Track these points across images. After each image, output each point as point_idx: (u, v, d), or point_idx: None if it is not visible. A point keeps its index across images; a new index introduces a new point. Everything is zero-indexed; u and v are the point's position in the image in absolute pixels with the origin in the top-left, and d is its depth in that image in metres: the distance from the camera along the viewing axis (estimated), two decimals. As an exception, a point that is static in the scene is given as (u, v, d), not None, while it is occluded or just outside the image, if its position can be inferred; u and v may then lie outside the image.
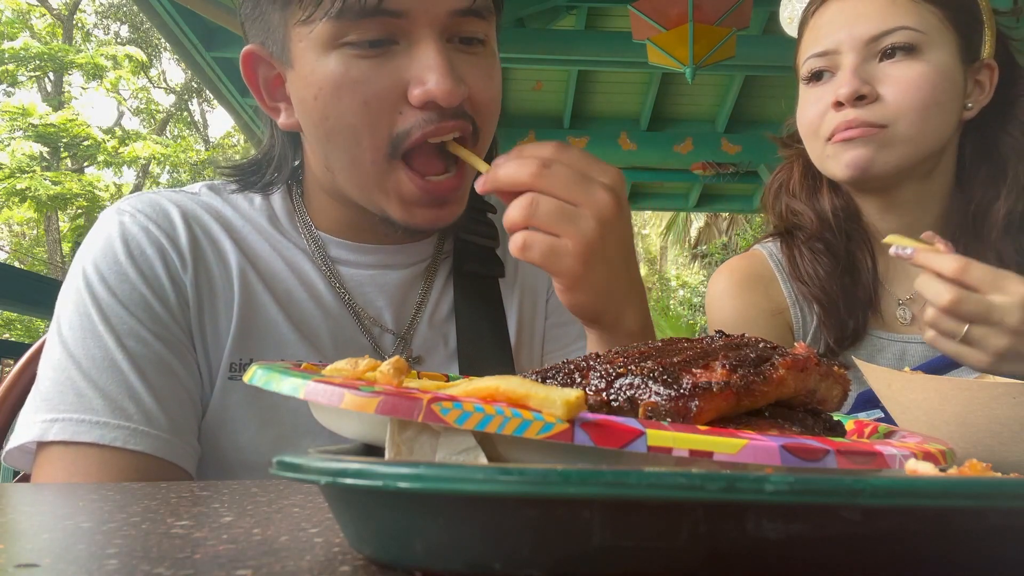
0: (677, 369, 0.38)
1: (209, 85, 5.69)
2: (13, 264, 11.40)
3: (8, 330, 11.56)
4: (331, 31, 0.70)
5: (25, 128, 12.83)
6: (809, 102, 1.06)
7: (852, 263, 1.09)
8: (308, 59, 0.73)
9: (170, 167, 15.58)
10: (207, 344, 0.78)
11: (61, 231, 14.39)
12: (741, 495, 0.24)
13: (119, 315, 0.73)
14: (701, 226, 15.51)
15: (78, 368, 0.71)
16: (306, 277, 0.83)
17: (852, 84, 0.98)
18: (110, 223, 0.79)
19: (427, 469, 0.25)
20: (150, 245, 0.77)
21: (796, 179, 1.16)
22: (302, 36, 0.73)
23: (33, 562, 0.30)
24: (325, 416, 0.41)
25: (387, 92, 0.71)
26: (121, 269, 0.75)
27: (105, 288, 0.74)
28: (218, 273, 0.79)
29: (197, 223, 0.80)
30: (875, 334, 1.07)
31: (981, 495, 0.24)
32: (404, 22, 0.70)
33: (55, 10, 15.19)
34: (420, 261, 0.89)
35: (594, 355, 0.43)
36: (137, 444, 0.70)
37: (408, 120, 0.72)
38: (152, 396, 0.72)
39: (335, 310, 0.83)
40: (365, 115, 0.72)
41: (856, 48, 1.00)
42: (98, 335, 0.72)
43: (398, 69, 0.71)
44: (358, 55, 0.71)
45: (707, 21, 4.08)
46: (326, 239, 0.86)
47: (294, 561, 0.31)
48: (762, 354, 0.40)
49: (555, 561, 0.26)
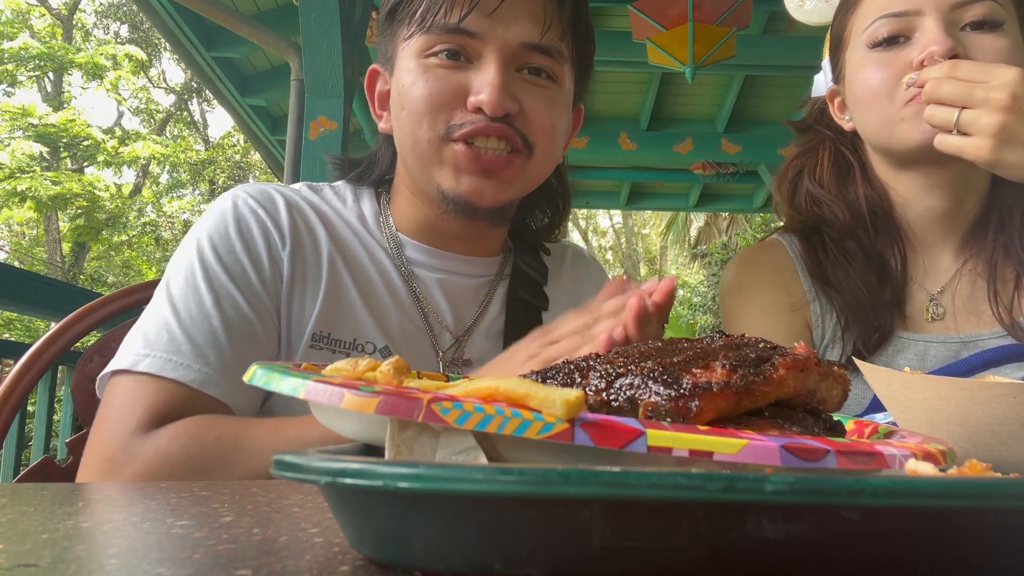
0: (677, 369, 0.38)
1: (209, 85, 5.69)
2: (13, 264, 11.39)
3: (8, 330, 11.55)
4: (422, 43, 0.87)
5: (25, 128, 12.82)
6: (875, 65, 0.98)
7: (881, 261, 1.04)
8: (404, 65, 0.89)
9: (170, 167, 15.58)
10: (292, 315, 0.89)
11: (61, 231, 14.38)
12: (741, 495, 0.24)
13: (220, 279, 0.85)
14: (701, 226, 15.51)
15: (176, 317, 0.82)
16: (384, 271, 0.95)
17: (946, 42, 0.92)
18: (226, 203, 0.91)
19: (427, 469, 0.25)
20: (256, 225, 0.89)
21: (824, 164, 1.09)
22: (403, 49, 0.90)
23: (33, 562, 0.30)
24: (325, 416, 0.41)
25: (450, 93, 0.86)
26: (229, 241, 0.87)
27: (214, 255, 0.86)
28: (311, 255, 0.91)
29: (298, 211, 0.93)
30: (898, 334, 1.03)
31: (981, 495, 0.24)
32: (478, 43, 0.86)
33: (55, 10, 15.18)
34: (483, 275, 1.01)
35: (594, 355, 0.43)
36: (210, 388, 0.80)
37: (462, 118, 0.86)
38: (233, 351, 0.82)
39: (406, 302, 0.95)
40: (428, 104, 0.86)
41: (941, 10, 0.94)
42: (199, 293, 0.83)
43: (465, 79, 0.86)
44: (436, 63, 0.87)
45: (707, 21, 4.08)
46: (404, 240, 0.98)
47: (294, 561, 0.31)
48: (762, 354, 0.40)
49: (555, 561, 0.26)
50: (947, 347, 1.01)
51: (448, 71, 0.86)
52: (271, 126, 6.44)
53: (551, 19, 0.87)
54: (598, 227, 20.27)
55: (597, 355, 0.43)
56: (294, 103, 4.45)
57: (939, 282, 1.05)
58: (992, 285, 1.02)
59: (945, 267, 1.06)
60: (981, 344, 1.00)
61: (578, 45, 0.94)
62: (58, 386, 2.91)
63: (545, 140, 0.90)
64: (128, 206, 15.07)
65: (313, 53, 3.68)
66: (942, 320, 1.03)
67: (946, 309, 1.03)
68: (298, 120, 4.29)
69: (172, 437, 0.76)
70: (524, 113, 0.87)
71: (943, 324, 1.03)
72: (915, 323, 1.04)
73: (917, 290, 1.06)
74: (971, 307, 1.03)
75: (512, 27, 0.86)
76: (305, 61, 3.72)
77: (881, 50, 0.98)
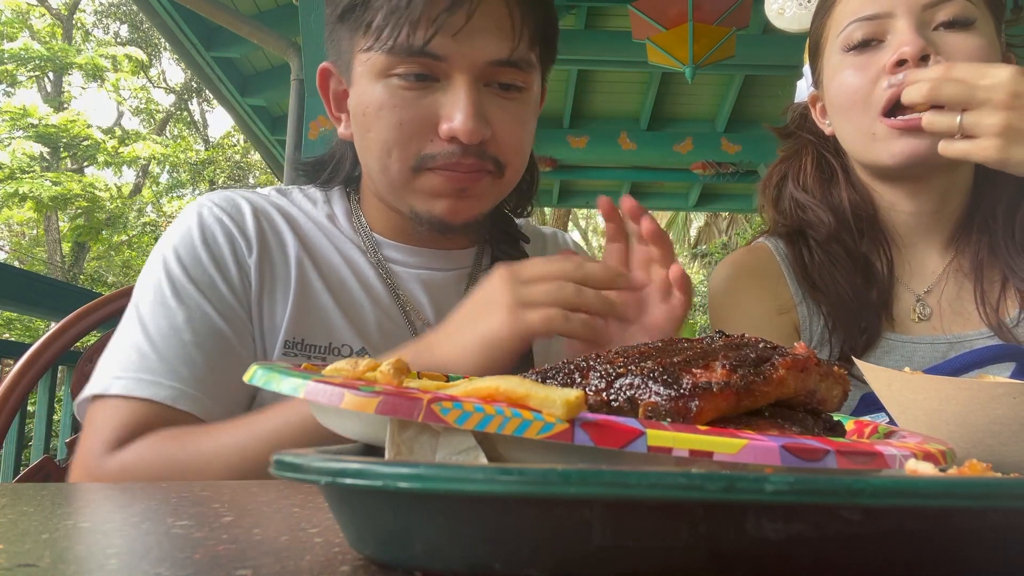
0: (677, 369, 0.38)
1: (209, 85, 5.69)
2: (13, 264, 11.39)
3: (8, 330, 11.55)
4: (384, 62, 0.82)
5: (25, 128, 12.81)
6: (851, 69, 0.98)
7: (866, 264, 1.04)
8: (364, 81, 0.85)
9: (170, 167, 15.57)
10: (264, 322, 0.87)
11: (61, 231, 14.37)
12: (741, 495, 0.24)
13: (189, 292, 0.83)
14: (701, 226, 15.51)
15: (146, 336, 0.81)
16: (359, 270, 0.93)
17: (918, 43, 0.92)
18: (190, 214, 0.89)
19: (427, 469, 0.25)
20: (222, 233, 0.87)
21: (807, 169, 1.09)
22: (362, 62, 0.85)
23: (33, 562, 0.30)
24: (325, 416, 0.41)
25: (420, 120, 0.82)
26: (195, 253, 0.85)
27: (180, 268, 0.84)
28: (279, 260, 0.89)
29: (265, 216, 0.91)
30: (885, 335, 1.03)
31: (981, 495, 0.24)
32: (444, 64, 0.81)
33: (55, 10, 15.18)
34: (460, 268, 0.99)
35: (594, 355, 0.43)
36: (184, 404, 0.78)
37: (435, 147, 0.83)
38: (207, 364, 0.80)
39: (384, 301, 0.92)
40: (398, 134, 0.83)
41: (912, 12, 0.94)
42: (169, 309, 0.82)
43: (434, 103, 0.82)
44: (402, 86, 0.82)
45: (707, 21, 4.08)
46: (380, 240, 0.95)
47: (294, 561, 0.31)
48: (762, 354, 0.40)
49: (555, 561, 0.26)
50: (935, 348, 1.01)
51: (415, 94, 0.82)
52: (271, 126, 6.44)
53: (519, 31, 0.83)
54: (598, 227, 20.27)
55: (597, 355, 0.43)
56: (294, 103, 4.45)
57: (925, 283, 1.05)
58: (979, 286, 1.02)
59: (931, 268, 1.06)
60: (968, 345, 0.99)
61: (546, 44, 0.90)
62: (58, 386, 2.91)
63: (517, 158, 0.89)
64: (128, 206, 15.07)
65: (313, 53, 3.68)
66: (929, 321, 1.03)
67: (933, 310, 1.03)
68: (298, 120, 4.29)
69: (134, 452, 0.75)
70: (495, 135, 0.84)
71: (930, 325, 1.03)
72: (902, 324, 1.04)
73: (903, 291, 1.06)
74: (958, 308, 1.03)
75: (479, 45, 0.81)
76: (305, 61, 3.73)
77: (855, 54, 0.99)
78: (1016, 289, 1.01)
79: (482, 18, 0.80)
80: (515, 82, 0.85)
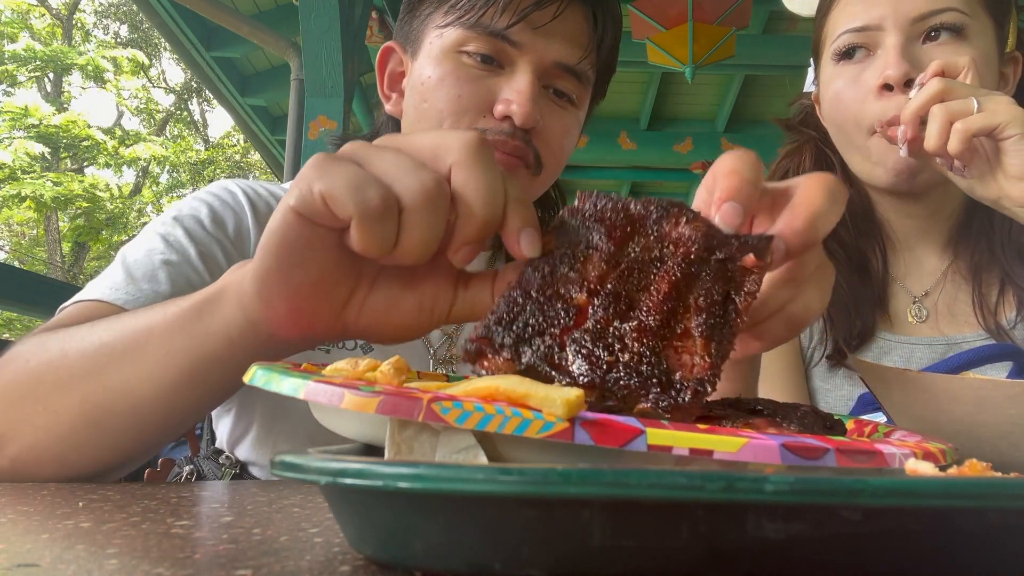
0: (660, 350, 0.39)
1: (209, 85, 5.70)
2: (13, 264, 11.39)
3: (8, 330, 11.56)
4: (457, 37, 0.85)
5: (26, 128, 12.81)
6: (843, 82, 0.99)
7: (862, 261, 1.05)
8: (432, 54, 0.87)
9: (170, 167, 15.57)
10: None
11: (61, 231, 14.37)
12: (741, 495, 0.24)
13: (176, 236, 0.82)
14: (701, 226, 15.51)
15: (123, 264, 0.79)
16: None
17: (901, 66, 0.92)
18: (195, 195, 0.90)
19: (427, 469, 0.25)
20: (224, 208, 0.88)
21: (807, 165, 1.09)
22: (434, 37, 0.87)
23: (33, 562, 0.30)
24: (325, 416, 0.41)
25: (479, 97, 0.84)
26: (196, 212, 0.86)
27: (175, 221, 0.84)
28: None
29: (260, 200, 0.91)
30: (882, 335, 1.03)
31: (981, 495, 0.24)
32: (515, 52, 0.84)
33: (55, 10, 15.17)
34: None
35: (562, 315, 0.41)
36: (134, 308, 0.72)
37: (486, 124, 0.84)
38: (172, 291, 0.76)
39: None
40: (455, 106, 0.84)
41: (901, 26, 0.94)
42: (151, 245, 0.81)
43: (494, 85, 0.85)
44: (468, 63, 0.85)
45: (707, 20, 4.08)
46: None
47: (294, 561, 0.31)
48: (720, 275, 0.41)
49: (555, 561, 0.26)
50: (933, 349, 1.01)
51: (479, 72, 0.85)
52: (271, 126, 6.44)
53: (591, 46, 0.87)
54: (598, 227, 20.27)
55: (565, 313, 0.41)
56: (294, 103, 4.46)
57: (923, 285, 1.05)
58: (977, 288, 1.02)
59: (929, 270, 1.06)
60: (967, 347, 0.99)
61: (603, 74, 0.95)
62: (58, 386, 2.90)
63: (555, 161, 0.90)
64: (128, 206, 15.08)
65: (313, 53, 3.68)
66: (926, 322, 1.04)
67: (930, 312, 1.04)
68: (298, 120, 4.30)
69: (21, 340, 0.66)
70: (542, 131, 0.86)
71: (928, 326, 1.03)
72: (900, 325, 1.04)
73: (899, 291, 1.06)
74: (955, 310, 1.04)
75: (553, 44, 0.85)
76: (305, 61, 3.72)
77: (845, 64, 0.99)
78: (1014, 292, 1.01)
79: (563, 22, 0.85)
80: (570, 92, 0.88)
